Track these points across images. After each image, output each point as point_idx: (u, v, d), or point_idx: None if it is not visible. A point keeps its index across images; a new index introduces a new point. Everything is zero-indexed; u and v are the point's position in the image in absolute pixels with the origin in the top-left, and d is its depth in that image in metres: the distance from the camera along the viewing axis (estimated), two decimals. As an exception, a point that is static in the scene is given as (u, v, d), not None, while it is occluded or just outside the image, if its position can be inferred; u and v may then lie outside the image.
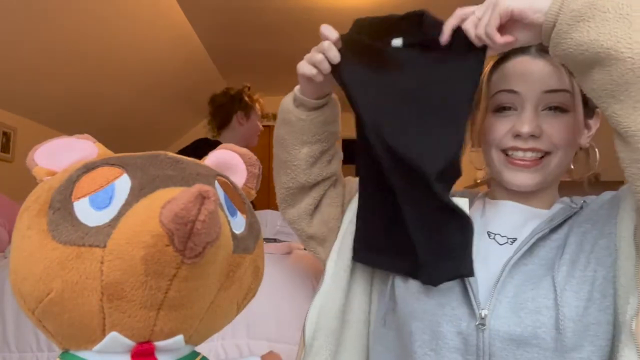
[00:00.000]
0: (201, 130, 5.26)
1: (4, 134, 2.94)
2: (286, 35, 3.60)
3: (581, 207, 0.72)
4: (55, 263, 0.35)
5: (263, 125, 2.33)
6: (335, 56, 0.71)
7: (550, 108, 0.69)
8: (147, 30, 3.20)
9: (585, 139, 0.75)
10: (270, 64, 4.18)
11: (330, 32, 0.73)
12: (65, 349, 0.40)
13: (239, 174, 0.51)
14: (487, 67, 0.76)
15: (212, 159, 0.50)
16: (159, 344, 0.38)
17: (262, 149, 2.24)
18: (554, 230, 0.67)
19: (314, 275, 1.35)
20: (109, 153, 0.44)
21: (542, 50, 0.70)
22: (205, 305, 0.39)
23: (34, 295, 0.37)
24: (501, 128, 0.71)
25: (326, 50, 0.71)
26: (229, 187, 0.45)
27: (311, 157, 0.77)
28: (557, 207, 0.73)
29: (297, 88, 0.76)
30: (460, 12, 0.68)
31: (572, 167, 0.77)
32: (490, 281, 0.65)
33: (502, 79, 0.72)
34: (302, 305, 1.25)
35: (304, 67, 0.72)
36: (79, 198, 0.37)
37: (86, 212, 0.36)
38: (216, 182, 0.43)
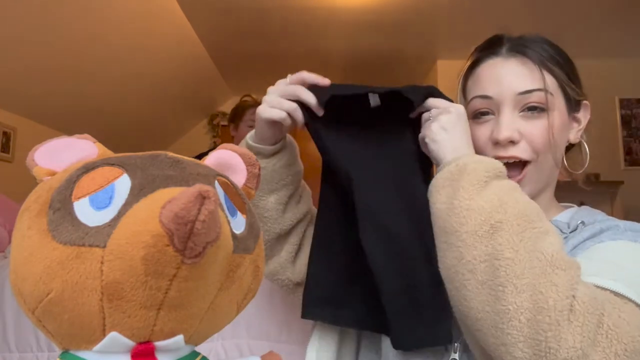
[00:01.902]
0: (201, 130, 5.28)
1: (4, 134, 2.94)
2: (286, 35, 3.60)
3: (575, 230, 0.66)
4: (55, 263, 0.35)
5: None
6: (318, 110, 0.65)
7: (528, 109, 0.66)
8: (147, 31, 3.21)
9: (575, 134, 0.73)
10: (270, 65, 4.18)
11: (318, 79, 0.66)
12: (65, 349, 0.40)
13: (239, 174, 0.51)
14: (461, 73, 0.74)
15: (212, 159, 0.50)
16: (159, 344, 0.38)
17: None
18: None
19: (314, 275, 1.35)
20: (109, 153, 0.44)
21: (513, 50, 0.68)
22: (205, 305, 0.39)
23: (34, 295, 0.37)
24: (480, 136, 0.68)
25: (307, 100, 0.65)
26: (229, 187, 0.45)
27: (280, 204, 0.71)
28: None
29: (248, 136, 0.70)
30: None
31: (565, 164, 0.73)
32: None
33: (476, 84, 0.70)
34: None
35: (272, 112, 0.65)
36: (79, 198, 0.37)
37: (86, 212, 0.37)
38: (216, 182, 0.43)
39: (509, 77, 0.66)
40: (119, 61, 3.30)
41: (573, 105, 0.70)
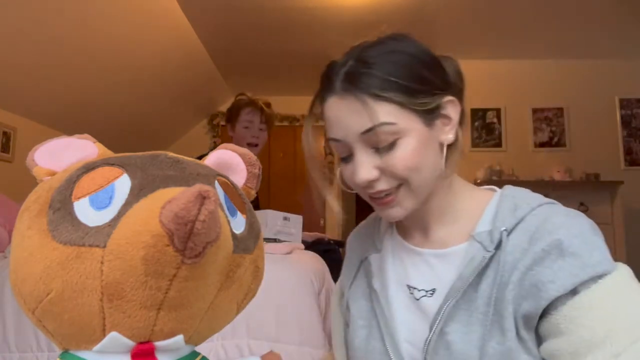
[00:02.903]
0: (201, 130, 5.28)
1: (4, 134, 2.94)
2: (286, 35, 3.60)
3: (498, 246, 0.60)
4: (55, 263, 0.35)
5: (263, 126, 2.31)
6: None
7: (377, 147, 0.61)
8: (147, 31, 3.21)
9: (445, 134, 0.65)
10: (270, 65, 4.18)
11: None
12: (65, 349, 0.40)
13: (239, 174, 0.51)
14: (310, 109, 0.70)
15: (212, 159, 0.50)
16: (159, 344, 0.38)
17: (263, 148, 2.24)
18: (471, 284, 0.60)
19: (314, 275, 1.35)
20: (109, 153, 0.44)
21: (345, 85, 0.62)
22: (205, 305, 0.39)
23: (34, 295, 0.37)
24: (349, 175, 0.65)
25: None
26: (229, 187, 0.45)
27: None
28: (470, 251, 0.62)
29: None
30: None
31: (444, 167, 0.66)
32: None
33: (327, 125, 0.66)
34: (302, 305, 1.25)
35: None
36: (79, 198, 0.37)
37: (86, 212, 0.37)
38: (216, 182, 0.43)
39: (347, 118, 0.62)
40: (119, 61, 3.30)
41: (431, 113, 0.63)
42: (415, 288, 0.67)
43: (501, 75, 3.97)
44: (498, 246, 0.60)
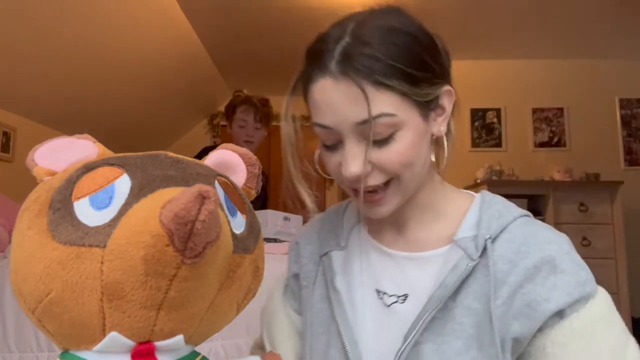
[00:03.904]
0: (201, 130, 5.28)
1: (4, 134, 2.94)
2: (286, 35, 3.60)
3: (482, 254, 0.56)
4: (55, 263, 0.35)
5: (263, 126, 2.30)
6: None
7: (372, 140, 0.54)
8: (147, 31, 3.21)
9: (437, 127, 0.60)
10: (270, 64, 4.18)
11: None
12: (65, 349, 0.40)
13: (239, 174, 0.51)
14: (292, 84, 0.63)
15: (212, 159, 0.50)
16: (159, 344, 0.38)
17: (262, 148, 2.23)
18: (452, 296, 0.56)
19: (314, 275, 1.35)
20: (109, 153, 0.44)
21: (342, 67, 0.54)
22: (205, 305, 0.39)
23: (34, 295, 0.37)
24: (332, 165, 0.59)
25: None
26: (229, 187, 0.45)
27: None
28: (452, 257, 0.58)
29: None
30: None
31: (433, 160, 0.62)
32: None
33: (313, 108, 0.58)
34: (302, 305, 1.25)
35: None
36: (79, 198, 0.37)
37: (86, 212, 0.36)
38: (216, 182, 0.43)
39: (342, 105, 0.54)
40: (119, 61, 3.30)
41: (429, 104, 0.58)
42: (385, 293, 0.61)
43: (501, 75, 3.96)
44: (482, 254, 0.56)
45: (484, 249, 0.56)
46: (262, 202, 2.06)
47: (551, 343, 0.52)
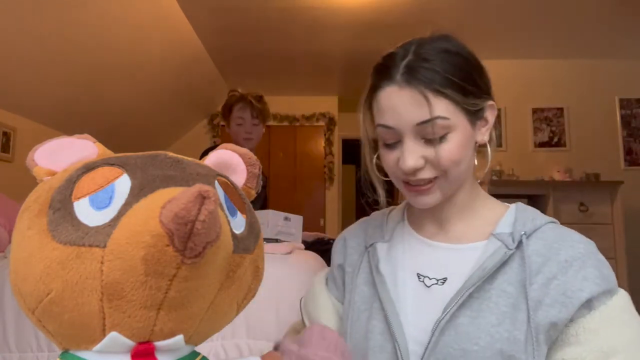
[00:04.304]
0: (201, 130, 5.29)
1: (4, 134, 2.94)
2: (286, 35, 3.60)
3: (518, 246, 0.66)
4: (55, 263, 0.35)
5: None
6: None
7: (428, 138, 0.66)
8: (147, 31, 3.21)
9: (481, 136, 0.71)
10: (270, 65, 4.18)
11: None
12: (65, 349, 0.40)
13: (239, 174, 0.51)
14: (364, 96, 0.73)
15: (212, 159, 0.50)
16: (159, 344, 0.38)
17: (263, 148, 2.23)
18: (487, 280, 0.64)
19: (315, 275, 1.35)
20: (109, 153, 0.44)
21: (406, 77, 0.66)
22: (205, 305, 0.39)
23: (34, 295, 0.37)
24: (391, 162, 0.69)
25: None
26: (229, 187, 0.45)
27: None
28: (490, 246, 0.67)
29: None
30: None
31: (475, 163, 0.73)
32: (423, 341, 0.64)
33: (379, 112, 0.69)
34: (302, 305, 1.25)
35: None
36: (79, 198, 0.37)
37: (86, 212, 0.36)
38: (216, 182, 0.43)
39: (405, 108, 0.66)
40: (119, 62, 3.30)
41: (476, 113, 0.69)
42: (425, 276, 0.70)
43: (501, 75, 3.96)
44: (517, 247, 0.65)
45: (520, 243, 0.65)
46: (262, 202, 2.08)
47: (583, 330, 0.60)
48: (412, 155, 0.66)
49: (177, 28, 3.39)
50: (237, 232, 0.42)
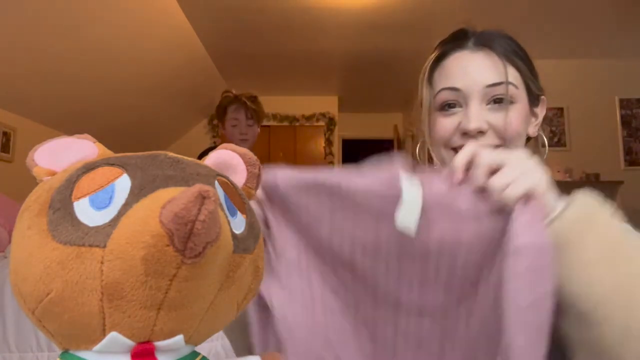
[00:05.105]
0: (201, 130, 5.29)
1: (4, 134, 2.94)
2: (286, 36, 3.60)
3: None
4: (55, 263, 0.35)
5: (262, 125, 2.32)
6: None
7: (494, 101, 0.67)
8: (148, 31, 3.21)
9: (533, 128, 0.73)
10: (270, 65, 4.18)
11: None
12: (65, 349, 0.40)
13: (239, 174, 0.51)
14: (427, 64, 0.75)
15: (212, 159, 0.50)
16: (159, 344, 0.38)
17: (263, 148, 2.23)
18: None
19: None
20: (109, 153, 0.44)
21: (479, 43, 0.69)
22: (206, 305, 0.39)
23: (34, 295, 0.37)
24: (448, 126, 0.69)
25: None
26: (229, 187, 0.45)
27: None
28: None
29: None
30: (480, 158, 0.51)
31: None
32: None
33: (443, 76, 0.70)
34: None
35: None
36: (79, 198, 0.37)
37: (86, 212, 0.36)
38: (216, 182, 0.43)
39: (477, 69, 0.67)
40: (119, 61, 3.30)
41: (533, 99, 0.71)
42: None
43: (501, 75, 3.97)
44: None
45: None
46: None
47: None
48: (477, 117, 0.66)
49: (177, 29, 3.39)
50: (237, 232, 0.42)
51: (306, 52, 3.85)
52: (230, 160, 0.51)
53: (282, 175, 0.58)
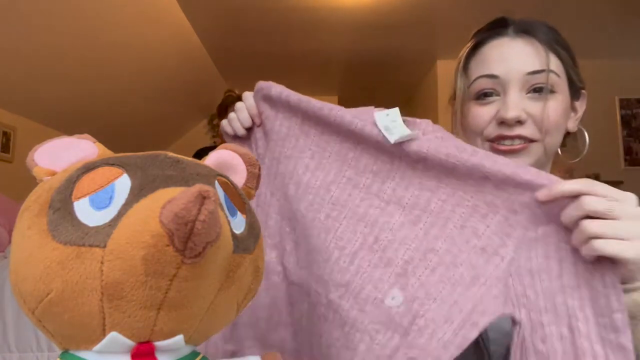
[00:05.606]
0: (201, 130, 5.28)
1: (4, 134, 2.94)
2: (286, 35, 3.60)
3: None
4: (55, 263, 0.35)
5: (262, 125, 2.31)
6: (245, 118, 0.69)
7: (534, 90, 0.63)
8: (147, 30, 3.21)
9: (572, 123, 0.71)
10: (270, 65, 4.18)
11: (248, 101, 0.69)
12: (65, 349, 0.40)
13: (239, 174, 0.51)
14: (463, 53, 0.72)
15: (212, 159, 0.50)
16: (159, 344, 0.38)
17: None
18: None
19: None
20: (109, 153, 0.44)
21: (520, 30, 0.67)
22: (205, 305, 0.39)
23: (34, 295, 0.37)
24: (484, 116, 0.66)
25: (238, 111, 0.69)
26: (229, 187, 0.45)
27: None
28: None
29: None
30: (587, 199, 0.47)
31: (559, 152, 0.72)
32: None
33: (481, 64, 0.67)
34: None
35: (224, 125, 0.71)
36: (79, 198, 0.37)
37: (86, 212, 0.36)
38: (216, 182, 0.43)
39: (517, 56, 0.64)
40: (119, 61, 3.30)
41: (575, 92, 0.68)
42: None
43: (501, 75, 3.96)
44: None
45: None
46: None
47: None
48: (516, 105, 0.62)
49: (177, 28, 3.39)
50: (237, 232, 0.42)
51: (306, 52, 3.86)
52: (230, 160, 0.51)
53: (277, 88, 0.70)
